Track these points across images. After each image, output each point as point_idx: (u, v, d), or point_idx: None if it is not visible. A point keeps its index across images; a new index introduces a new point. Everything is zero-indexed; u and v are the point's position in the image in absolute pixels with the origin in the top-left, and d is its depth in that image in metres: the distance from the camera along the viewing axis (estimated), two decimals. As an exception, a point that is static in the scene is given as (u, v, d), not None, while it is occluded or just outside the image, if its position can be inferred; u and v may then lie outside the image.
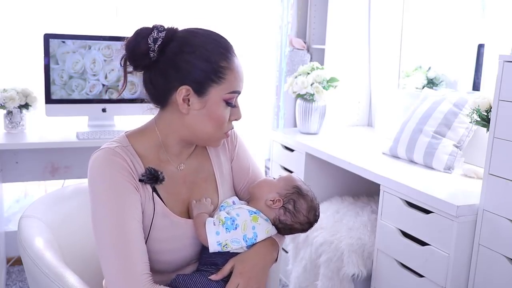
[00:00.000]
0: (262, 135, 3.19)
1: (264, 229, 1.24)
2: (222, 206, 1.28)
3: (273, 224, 1.27)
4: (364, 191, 2.53)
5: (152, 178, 1.16)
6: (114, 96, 2.60)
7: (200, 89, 1.14)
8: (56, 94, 2.51)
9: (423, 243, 1.76)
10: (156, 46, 1.13)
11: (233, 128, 1.24)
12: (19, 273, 2.83)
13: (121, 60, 1.18)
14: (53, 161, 2.62)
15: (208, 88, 1.14)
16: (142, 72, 1.19)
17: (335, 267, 2.08)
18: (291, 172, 2.63)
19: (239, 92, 1.18)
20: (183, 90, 1.13)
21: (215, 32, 1.19)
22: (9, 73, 2.68)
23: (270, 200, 1.26)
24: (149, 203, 1.17)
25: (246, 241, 1.21)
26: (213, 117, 1.16)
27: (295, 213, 1.26)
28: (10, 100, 2.44)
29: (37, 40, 2.53)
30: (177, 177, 1.25)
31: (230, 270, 1.18)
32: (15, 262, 2.88)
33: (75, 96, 2.55)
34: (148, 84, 1.19)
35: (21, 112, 2.54)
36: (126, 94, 2.61)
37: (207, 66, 1.13)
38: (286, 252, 2.50)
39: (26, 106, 2.52)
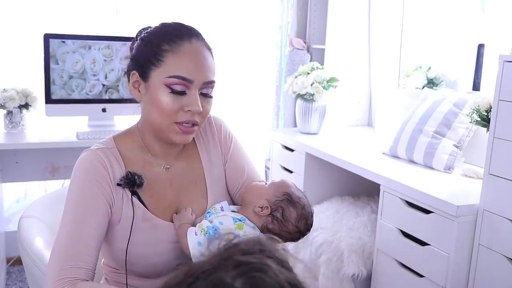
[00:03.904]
0: (262, 135, 3.19)
1: None
2: (208, 212, 1.22)
3: (261, 232, 1.20)
4: (364, 191, 2.53)
5: (129, 182, 1.14)
6: (114, 96, 2.60)
7: (143, 73, 1.13)
8: (56, 94, 2.51)
9: (423, 243, 1.76)
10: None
11: (194, 121, 1.13)
12: (19, 273, 2.83)
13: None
14: (53, 161, 2.62)
15: (149, 72, 1.12)
16: None
17: (335, 267, 2.08)
18: (291, 172, 2.63)
19: (182, 78, 1.09)
20: (132, 76, 1.15)
21: (177, 22, 1.17)
22: (9, 73, 2.68)
23: (259, 207, 1.20)
24: (129, 206, 1.15)
25: None
26: (154, 103, 1.11)
27: (283, 221, 1.20)
28: (10, 100, 2.44)
29: (37, 40, 2.53)
30: (163, 179, 1.21)
31: None
32: (15, 262, 2.88)
33: (75, 96, 2.54)
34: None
35: (21, 112, 2.54)
36: (126, 94, 2.61)
37: (148, 49, 1.12)
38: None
39: (26, 106, 2.52)
